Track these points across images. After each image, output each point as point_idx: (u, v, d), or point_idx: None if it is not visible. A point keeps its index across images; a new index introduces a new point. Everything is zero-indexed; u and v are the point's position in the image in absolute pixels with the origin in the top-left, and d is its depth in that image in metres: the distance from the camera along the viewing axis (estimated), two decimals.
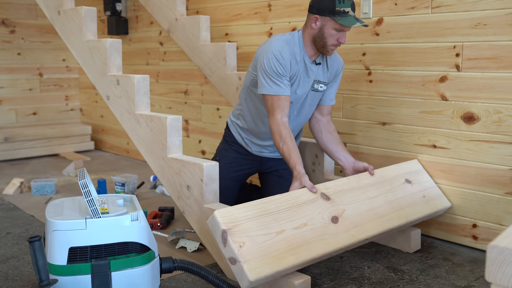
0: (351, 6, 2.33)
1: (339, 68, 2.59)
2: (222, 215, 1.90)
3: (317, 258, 1.99)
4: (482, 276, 2.23)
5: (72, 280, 1.76)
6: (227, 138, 2.77)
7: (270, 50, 2.36)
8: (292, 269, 1.92)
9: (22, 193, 3.54)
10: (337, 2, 2.30)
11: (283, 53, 2.36)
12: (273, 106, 2.37)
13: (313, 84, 2.51)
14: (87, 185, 1.80)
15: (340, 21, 2.30)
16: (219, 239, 1.87)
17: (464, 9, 2.45)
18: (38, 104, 5.18)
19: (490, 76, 2.40)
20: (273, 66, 2.35)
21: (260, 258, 1.84)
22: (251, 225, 1.92)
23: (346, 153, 2.54)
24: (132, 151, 4.78)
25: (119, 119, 2.79)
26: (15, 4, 4.94)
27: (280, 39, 2.42)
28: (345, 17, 2.31)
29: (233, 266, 1.82)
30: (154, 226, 2.78)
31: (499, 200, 2.43)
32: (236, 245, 1.83)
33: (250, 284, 1.77)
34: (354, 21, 2.31)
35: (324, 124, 2.62)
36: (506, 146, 2.38)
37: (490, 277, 0.89)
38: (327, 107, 2.63)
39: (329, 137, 2.59)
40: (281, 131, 2.33)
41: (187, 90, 4.07)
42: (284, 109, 2.37)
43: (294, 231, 2.00)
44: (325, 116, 2.64)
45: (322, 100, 2.61)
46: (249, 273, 1.77)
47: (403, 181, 2.50)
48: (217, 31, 3.69)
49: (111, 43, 2.84)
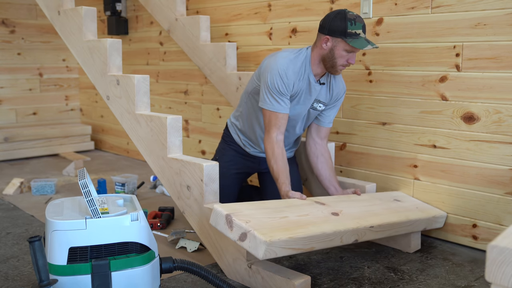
0: (362, 28, 2.33)
1: (340, 92, 2.58)
2: (223, 206, 1.94)
3: (326, 236, 1.98)
4: (482, 276, 2.23)
5: (72, 280, 1.76)
6: (226, 138, 2.79)
7: (276, 68, 2.38)
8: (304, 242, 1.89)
9: (22, 193, 3.54)
10: (349, 24, 2.31)
11: (288, 73, 2.37)
12: (270, 123, 2.41)
13: (313, 103, 2.52)
14: (87, 185, 1.80)
15: (352, 43, 2.31)
16: (224, 226, 1.87)
17: (464, 9, 2.45)
18: (38, 104, 5.18)
19: (490, 76, 2.40)
20: (276, 84, 2.37)
21: (270, 229, 1.85)
22: (253, 213, 1.96)
23: (337, 183, 2.60)
24: (132, 151, 4.78)
25: (119, 119, 2.79)
26: (15, 4, 4.94)
27: (287, 57, 2.41)
28: (356, 39, 2.32)
29: (245, 242, 1.81)
30: (154, 226, 2.78)
31: (499, 200, 2.43)
32: (242, 221, 1.84)
33: (267, 247, 1.75)
34: (365, 44, 2.32)
35: (322, 149, 2.64)
36: (506, 146, 2.38)
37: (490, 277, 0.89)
38: (325, 129, 2.64)
39: (324, 165, 2.62)
40: (274, 149, 2.38)
41: (187, 90, 4.07)
42: (280, 127, 2.41)
43: (297, 218, 2.03)
44: (323, 140, 2.65)
45: (321, 121, 2.61)
46: (263, 237, 1.77)
47: (393, 200, 2.59)
48: (217, 31, 3.69)
49: (111, 43, 2.84)
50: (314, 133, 2.65)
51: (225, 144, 2.78)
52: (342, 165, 3.03)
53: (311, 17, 3.09)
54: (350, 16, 2.33)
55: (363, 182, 2.73)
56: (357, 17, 2.34)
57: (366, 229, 2.15)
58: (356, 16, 2.35)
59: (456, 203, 2.58)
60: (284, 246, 1.83)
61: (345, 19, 2.32)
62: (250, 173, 2.77)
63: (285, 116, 2.41)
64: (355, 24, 2.32)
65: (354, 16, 2.34)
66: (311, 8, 3.08)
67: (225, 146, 2.77)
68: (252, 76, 2.59)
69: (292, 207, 2.13)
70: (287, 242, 1.83)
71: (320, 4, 3.03)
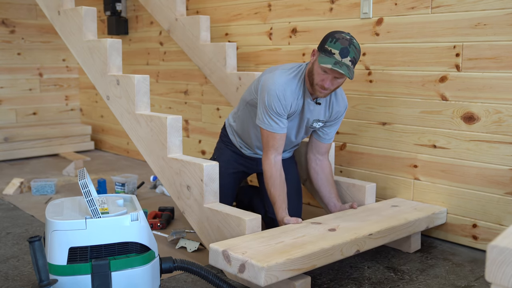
0: (340, 50, 2.19)
1: (341, 110, 2.51)
2: (219, 244, 1.96)
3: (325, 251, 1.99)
4: (482, 276, 2.23)
5: (72, 280, 1.76)
6: (223, 138, 2.80)
7: (273, 88, 2.32)
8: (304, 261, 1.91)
9: (22, 193, 3.54)
10: (329, 40, 2.23)
11: (286, 94, 2.33)
12: (268, 144, 2.39)
13: (313, 123, 2.48)
14: (87, 185, 1.80)
15: (319, 58, 2.23)
16: (223, 262, 1.90)
17: (464, 9, 2.45)
18: (38, 104, 5.18)
19: (490, 76, 2.40)
20: (274, 106, 2.33)
21: (266, 255, 1.86)
22: (249, 244, 1.98)
23: (336, 199, 2.57)
24: (132, 151, 4.78)
25: (119, 119, 2.79)
26: (15, 4, 4.94)
27: (285, 77, 2.36)
28: (326, 57, 2.20)
29: (244, 273, 1.83)
30: (154, 226, 2.78)
31: (499, 200, 2.43)
32: (239, 253, 1.86)
33: (266, 272, 1.76)
34: (329, 62, 2.18)
35: (322, 165, 2.59)
36: (506, 146, 2.38)
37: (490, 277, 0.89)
38: (326, 145, 2.59)
39: (323, 182, 2.58)
40: (272, 172, 2.38)
41: (187, 90, 4.07)
42: (278, 148, 2.39)
43: (293, 240, 2.05)
44: (323, 155, 2.60)
45: (322, 137, 2.56)
46: (260, 263, 1.78)
47: (390, 207, 2.60)
48: (217, 31, 3.69)
49: (111, 43, 2.84)
50: (314, 149, 2.60)
51: (222, 143, 2.78)
52: (342, 165, 3.03)
53: (311, 17, 3.09)
54: (338, 35, 2.23)
55: (363, 182, 2.73)
56: (341, 39, 2.21)
57: (366, 238, 2.16)
58: (342, 38, 2.21)
59: (456, 203, 2.58)
60: (283, 269, 1.84)
61: (330, 34, 2.25)
62: (248, 173, 2.77)
63: (282, 136, 2.39)
64: (335, 43, 2.20)
65: (340, 37, 2.22)
66: (311, 8, 3.08)
67: (222, 145, 2.78)
68: (251, 85, 2.57)
69: (288, 232, 2.15)
70: (285, 264, 1.84)
71: (320, 4, 3.03)
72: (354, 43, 2.24)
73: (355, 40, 2.26)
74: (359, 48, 2.27)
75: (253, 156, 2.70)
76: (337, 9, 2.95)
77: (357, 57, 2.25)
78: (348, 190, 2.71)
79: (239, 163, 2.71)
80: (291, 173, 2.66)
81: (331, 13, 2.98)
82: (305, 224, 2.26)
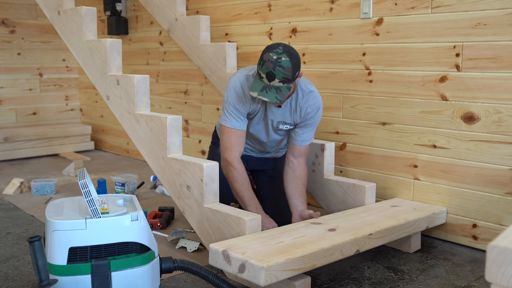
0: (266, 74, 2.19)
1: (311, 112, 2.44)
2: (218, 244, 1.96)
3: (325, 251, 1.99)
4: (482, 276, 2.23)
5: (72, 280, 1.76)
6: (214, 140, 2.85)
7: (232, 85, 2.38)
8: (303, 261, 1.91)
9: (22, 193, 3.54)
10: (259, 62, 2.22)
11: (244, 89, 2.36)
12: (227, 142, 2.40)
13: (278, 125, 2.47)
14: (87, 185, 1.80)
15: (254, 80, 2.26)
16: (223, 263, 1.90)
17: (464, 9, 2.45)
18: (38, 104, 5.18)
19: (490, 76, 2.40)
20: (232, 100, 2.36)
21: (266, 255, 1.86)
22: (249, 244, 1.98)
23: (300, 203, 2.45)
24: (132, 151, 4.78)
25: (119, 119, 2.79)
26: (15, 4, 4.94)
27: (244, 74, 2.39)
28: (258, 80, 2.23)
29: (244, 273, 1.83)
30: (154, 226, 2.78)
31: (499, 200, 2.43)
32: (239, 253, 1.86)
33: (266, 272, 1.76)
34: (255, 89, 2.20)
35: (294, 167, 2.51)
36: (506, 146, 2.38)
37: (490, 277, 0.89)
38: (299, 148, 2.49)
39: (288, 183, 2.51)
40: (239, 168, 2.40)
41: (187, 90, 4.07)
42: (238, 146, 2.41)
43: (293, 240, 2.05)
44: (296, 158, 2.51)
45: (294, 138, 2.50)
46: (260, 263, 1.78)
47: (390, 207, 2.60)
48: (217, 31, 3.69)
49: (111, 43, 2.84)
50: (289, 151, 2.55)
51: (213, 145, 2.84)
52: (342, 165, 3.03)
53: (311, 17, 3.09)
54: (266, 56, 2.19)
55: (363, 182, 2.73)
56: (267, 62, 2.18)
57: (366, 238, 2.16)
58: (268, 60, 2.18)
59: (456, 203, 2.58)
60: (283, 269, 1.84)
61: (262, 55, 2.22)
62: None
63: (242, 133, 2.40)
64: (262, 66, 2.20)
65: (267, 59, 2.18)
66: (311, 8, 3.08)
67: (214, 147, 2.83)
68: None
69: (288, 232, 2.15)
70: (285, 264, 1.84)
71: (320, 4, 3.03)
72: (281, 62, 2.18)
73: (284, 57, 2.19)
74: (289, 65, 2.19)
75: (243, 154, 2.71)
76: (337, 9, 2.95)
77: (289, 75, 2.19)
78: (348, 190, 2.71)
79: None
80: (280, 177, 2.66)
81: (331, 13, 2.98)
82: (304, 224, 2.26)
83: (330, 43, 3.01)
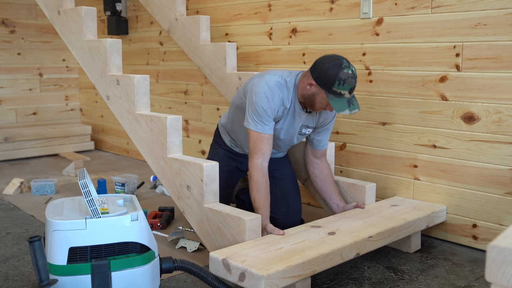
0: (349, 90, 2.26)
1: (329, 117, 2.54)
2: (218, 252, 1.96)
3: (325, 257, 1.99)
4: (482, 276, 2.23)
5: (72, 280, 1.76)
6: (216, 138, 2.84)
7: (262, 90, 2.35)
8: (304, 267, 1.90)
9: (22, 193, 3.54)
10: (336, 83, 2.24)
11: (274, 98, 2.35)
12: (255, 147, 2.37)
13: (301, 128, 2.51)
14: (87, 185, 1.80)
15: (332, 101, 2.28)
16: (223, 271, 1.90)
17: (464, 9, 2.45)
18: (38, 104, 5.18)
19: (490, 76, 2.40)
20: (262, 105, 2.34)
21: (266, 263, 1.86)
22: (249, 251, 1.98)
23: (338, 199, 2.61)
24: (132, 151, 4.78)
25: (119, 119, 2.79)
26: (15, 4, 4.94)
27: (274, 80, 2.38)
28: (338, 99, 2.27)
29: (245, 282, 1.82)
30: (154, 226, 2.78)
31: (499, 200, 2.43)
32: (238, 262, 1.86)
33: (266, 280, 1.76)
34: (344, 107, 2.26)
35: (320, 167, 2.64)
36: (506, 146, 2.38)
37: (490, 277, 0.89)
38: (321, 151, 2.64)
39: (323, 183, 2.63)
40: (258, 178, 2.36)
41: (187, 90, 4.07)
42: (265, 153, 2.38)
43: (293, 246, 2.05)
44: (319, 158, 2.65)
45: (315, 145, 2.61)
46: (260, 272, 1.78)
47: (390, 206, 2.60)
48: (217, 31, 3.69)
49: (111, 43, 2.84)
50: (310, 155, 2.65)
51: (215, 143, 2.83)
52: (342, 165, 3.03)
53: (311, 17, 3.09)
54: (342, 75, 2.23)
55: (363, 182, 2.73)
56: (348, 78, 2.24)
57: (365, 241, 2.16)
58: (348, 77, 2.24)
59: (456, 203, 2.58)
60: (283, 276, 1.83)
61: (336, 75, 2.23)
62: (243, 169, 2.79)
63: (270, 137, 2.39)
64: (343, 85, 2.23)
65: (346, 76, 2.23)
66: (311, 8, 3.08)
67: (215, 145, 2.82)
68: (240, 90, 2.59)
69: (287, 237, 2.15)
70: (285, 272, 1.84)
71: (320, 4, 3.03)
72: (355, 74, 2.28)
73: (354, 68, 2.29)
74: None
75: (245, 153, 2.72)
76: (337, 9, 2.95)
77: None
78: (348, 190, 2.71)
79: (233, 160, 2.75)
80: (287, 172, 2.69)
81: (331, 13, 2.98)
82: (304, 228, 2.26)
83: (330, 43, 3.01)
